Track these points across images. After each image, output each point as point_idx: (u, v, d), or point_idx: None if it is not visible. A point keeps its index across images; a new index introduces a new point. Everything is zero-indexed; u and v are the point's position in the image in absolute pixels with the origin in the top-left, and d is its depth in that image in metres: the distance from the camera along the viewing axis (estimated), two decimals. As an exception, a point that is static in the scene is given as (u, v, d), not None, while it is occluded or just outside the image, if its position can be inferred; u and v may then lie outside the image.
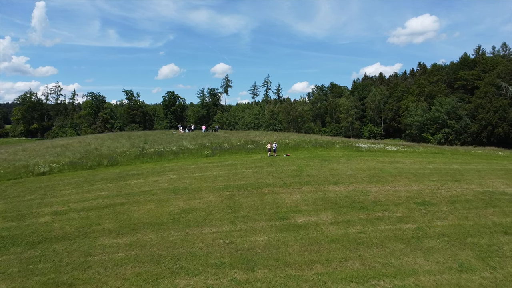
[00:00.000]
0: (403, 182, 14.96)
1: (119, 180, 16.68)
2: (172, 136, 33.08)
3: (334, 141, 27.31)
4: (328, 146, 25.06)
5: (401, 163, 19.23)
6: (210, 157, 22.06)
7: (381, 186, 14.30)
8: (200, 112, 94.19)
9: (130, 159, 21.84)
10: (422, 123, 62.25)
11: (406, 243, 9.36)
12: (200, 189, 14.28)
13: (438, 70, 79.91)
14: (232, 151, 23.37)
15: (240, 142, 25.90)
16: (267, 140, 26.42)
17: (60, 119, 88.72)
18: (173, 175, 16.88)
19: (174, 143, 26.67)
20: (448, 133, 58.65)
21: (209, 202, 12.67)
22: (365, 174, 16.25)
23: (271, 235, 9.86)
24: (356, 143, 26.38)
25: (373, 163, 18.98)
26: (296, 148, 24.58)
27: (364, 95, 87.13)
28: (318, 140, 28.23)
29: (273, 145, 22.22)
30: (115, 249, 9.26)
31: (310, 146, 24.95)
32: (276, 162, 19.76)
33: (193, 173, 17.23)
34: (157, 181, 15.90)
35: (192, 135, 34.01)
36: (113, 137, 37.28)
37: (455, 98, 61.00)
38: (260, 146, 24.70)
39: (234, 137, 29.86)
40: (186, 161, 21.30)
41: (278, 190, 13.86)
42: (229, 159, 21.25)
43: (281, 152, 23.41)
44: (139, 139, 31.61)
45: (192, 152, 22.85)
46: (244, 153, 23.21)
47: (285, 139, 28.05)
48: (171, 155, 22.30)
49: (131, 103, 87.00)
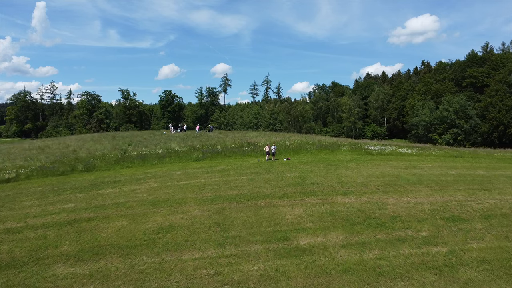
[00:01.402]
0: (425, 191, 13.48)
1: (92, 189, 15.12)
2: (161, 137, 31.58)
3: (340, 143, 25.86)
4: (333, 149, 23.60)
5: (418, 169, 17.77)
6: (200, 161, 20.55)
7: (400, 197, 12.82)
8: (198, 112, 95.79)
9: (109, 164, 20.27)
10: (429, 123, 61.47)
11: (438, 273, 7.86)
12: (184, 200, 12.75)
13: (444, 68, 79.98)
14: (225, 154, 21.87)
15: (235, 144, 24.41)
16: (265, 142, 24.94)
17: (54, 119, 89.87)
18: (154, 183, 15.33)
19: (161, 145, 25.15)
20: (457, 133, 57.87)
21: (193, 217, 11.14)
22: (379, 182, 14.77)
23: (268, 262, 8.33)
24: (365, 145, 24.94)
25: (386, 169, 17.51)
26: (298, 150, 23.11)
27: (366, 94, 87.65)
28: (322, 141, 26.77)
29: (271, 148, 20.74)
30: (70, 282, 7.71)
31: (313, 148, 23.48)
32: (275, 167, 18.27)
33: (179, 180, 15.69)
34: (135, 191, 14.35)
35: (183, 136, 32.52)
36: (96, 138, 35.75)
37: (463, 96, 60.21)
38: (257, 149, 23.21)
39: (229, 138, 28.36)
40: (172, 165, 19.76)
41: (277, 202, 12.36)
42: (221, 163, 19.74)
43: (281, 156, 21.94)
44: (124, 141, 30.08)
45: (180, 156, 21.32)
46: (239, 156, 21.71)
47: (285, 140, 26.59)
48: (155, 159, 20.76)
49: (127, 103, 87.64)
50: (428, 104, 64.01)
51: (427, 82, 74.98)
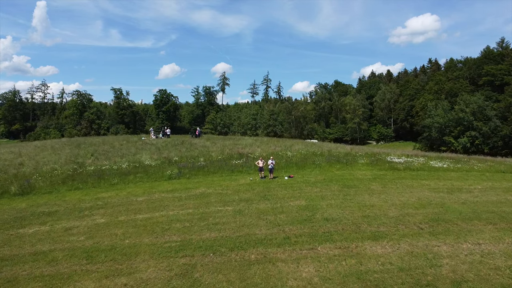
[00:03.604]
0: (489, 232, 10.14)
1: (12, 225, 11.65)
2: (134, 146, 28.16)
3: (356, 153, 22.54)
4: (348, 161, 20.28)
5: (466, 192, 14.47)
6: (174, 180, 17.16)
7: (456, 243, 9.47)
8: (195, 112, 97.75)
9: (54, 183, 16.81)
10: (444, 124, 59.66)
11: None
12: (136, 250, 9.33)
13: (456, 66, 79.25)
14: (209, 169, 18.50)
15: (222, 156, 21.04)
16: (261, 153, 21.58)
17: (45, 120, 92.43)
18: (102, 218, 11.89)
19: (130, 156, 21.74)
20: (475, 136, 56.19)
21: (143, 283, 7.72)
22: (420, 215, 11.43)
23: None
24: (387, 156, 21.64)
25: (424, 193, 14.20)
26: (303, 164, 19.77)
27: (371, 93, 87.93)
28: (332, 152, 23.43)
29: (269, 163, 17.40)
30: None
31: (322, 161, 20.16)
32: (273, 190, 14.91)
33: (137, 213, 12.25)
34: (70, 230, 10.92)
35: (162, 143, 29.17)
36: (58, 146, 32.31)
37: (481, 96, 58.43)
38: (250, 163, 19.85)
39: (216, 147, 24.99)
40: (135, 187, 16.33)
41: (275, 253, 8.97)
42: (201, 183, 16.35)
43: (281, 172, 18.59)
44: (87, 150, 26.67)
45: (148, 172, 17.93)
46: (226, 173, 18.34)
47: (287, 150, 23.24)
48: (116, 177, 17.33)
49: (120, 102, 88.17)
50: (442, 104, 62.15)
51: (439, 81, 73.98)
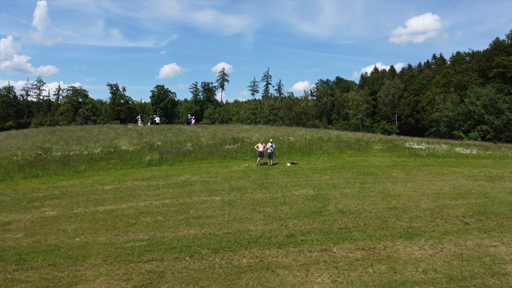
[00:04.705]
0: None
1: None
2: (115, 131, 25.91)
3: (369, 139, 20.32)
4: (361, 148, 18.08)
5: (509, 180, 12.26)
6: (153, 167, 14.91)
7: (523, 242, 7.31)
8: (193, 108, 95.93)
9: (9, 171, 14.52)
10: (453, 118, 58.91)
11: None
12: (86, 252, 7.06)
13: (463, 59, 78.64)
14: (196, 155, 16.27)
15: (214, 141, 18.77)
16: (259, 138, 19.36)
17: (39, 116, 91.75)
18: (52, 210, 9.59)
19: (106, 141, 19.43)
20: (486, 130, 55.54)
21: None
22: (461, 207, 9.19)
23: None
24: (405, 142, 19.44)
25: (458, 181, 11.97)
26: (309, 150, 17.54)
27: (374, 89, 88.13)
28: (341, 137, 21.17)
29: (268, 146, 15.20)
30: None
31: (331, 146, 17.95)
32: (273, 178, 12.70)
33: (98, 204, 9.96)
34: (7, 226, 8.60)
35: (148, 130, 27.03)
36: (32, 133, 30.05)
37: (492, 88, 57.65)
38: (246, 148, 17.64)
39: (208, 132, 22.70)
40: (106, 174, 14.07)
41: (274, 257, 6.72)
42: (186, 170, 14.12)
43: (283, 159, 16.41)
44: (61, 135, 24.47)
45: (124, 158, 15.67)
46: (217, 159, 16.11)
47: (289, 135, 20.98)
48: (84, 163, 15.06)
49: (116, 98, 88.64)
50: (450, 97, 60.97)
51: (447, 73, 74.04)
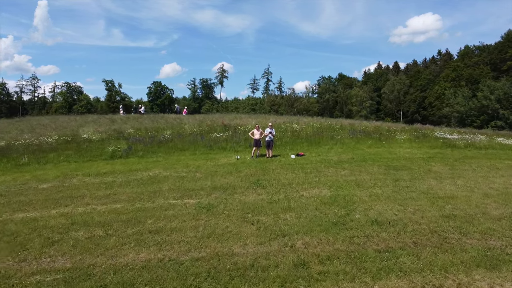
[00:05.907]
0: None
1: None
2: (85, 120, 22.68)
3: (390, 128, 16.95)
4: (383, 137, 14.77)
5: None
6: (118, 160, 11.53)
7: None
8: (191, 105, 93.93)
9: None
10: (465, 113, 55.90)
11: None
12: None
13: (473, 53, 76.12)
14: (175, 145, 12.92)
15: (199, 129, 15.44)
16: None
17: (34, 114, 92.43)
18: None
19: (67, 130, 16.05)
20: (501, 126, 52.82)
21: None
22: None
23: None
24: (434, 132, 16.13)
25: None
26: (318, 139, 14.15)
27: (378, 85, 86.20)
28: (355, 126, 17.76)
29: (266, 133, 11.88)
30: None
31: (345, 136, 14.61)
32: (272, 174, 9.28)
33: (19, 209, 6.68)
34: None
35: (124, 117, 23.98)
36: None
37: (507, 82, 54.86)
38: (239, 137, 14.29)
39: (194, 119, 19.33)
40: (53, 168, 10.67)
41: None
42: (158, 164, 10.73)
43: (285, 149, 13.08)
44: (18, 125, 21.44)
45: (82, 149, 12.34)
46: (201, 150, 12.77)
47: (292, 123, 17.60)
48: (28, 155, 11.70)
49: (112, 95, 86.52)
50: (462, 91, 58.37)
51: (457, 67, 71.50)
